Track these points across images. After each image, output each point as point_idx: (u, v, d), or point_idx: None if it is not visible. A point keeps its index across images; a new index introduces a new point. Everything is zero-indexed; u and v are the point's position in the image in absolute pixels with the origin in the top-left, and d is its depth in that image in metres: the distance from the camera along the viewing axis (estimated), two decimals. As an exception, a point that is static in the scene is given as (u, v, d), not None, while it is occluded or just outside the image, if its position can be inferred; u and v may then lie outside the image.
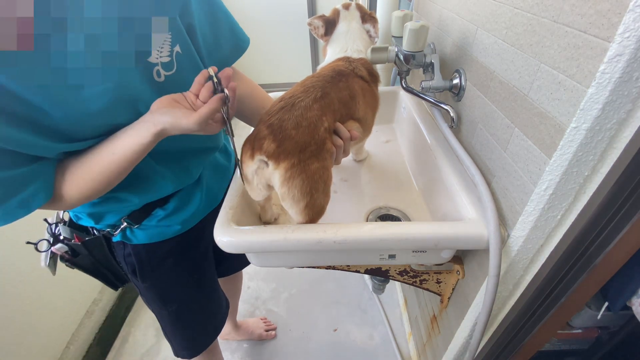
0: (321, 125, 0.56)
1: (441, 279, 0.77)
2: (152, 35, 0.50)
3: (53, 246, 0.67)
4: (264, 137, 0.54)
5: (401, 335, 1.31)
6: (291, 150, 0.53)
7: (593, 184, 0.41)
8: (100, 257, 0.71)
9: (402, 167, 0.92)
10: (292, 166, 0.53)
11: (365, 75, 0.73)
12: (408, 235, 0.54)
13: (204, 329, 0.88)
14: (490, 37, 0.57)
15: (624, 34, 0.32)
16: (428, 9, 0.89)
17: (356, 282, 1.52)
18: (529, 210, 0.48)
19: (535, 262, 0.53)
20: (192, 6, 0.56)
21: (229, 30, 0.64)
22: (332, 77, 0.65)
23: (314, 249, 0.59)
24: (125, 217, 0.65)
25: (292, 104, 0.56)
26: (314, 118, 0.56)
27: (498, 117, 0.56)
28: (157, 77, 0.53)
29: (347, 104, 0.64)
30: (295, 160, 0.53)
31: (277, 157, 0.53)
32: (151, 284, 0.74)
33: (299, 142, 0.53)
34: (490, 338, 0.68)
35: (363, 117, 0.70)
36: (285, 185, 0.54)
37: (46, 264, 0.67)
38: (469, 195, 0.60)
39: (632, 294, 0.68)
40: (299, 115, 0.55)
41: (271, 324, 1.37)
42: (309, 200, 0.56)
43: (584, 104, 0.37)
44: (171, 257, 0.73)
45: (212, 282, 0.87)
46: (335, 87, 0.63)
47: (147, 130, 0.48)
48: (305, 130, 0.54)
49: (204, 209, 0.74)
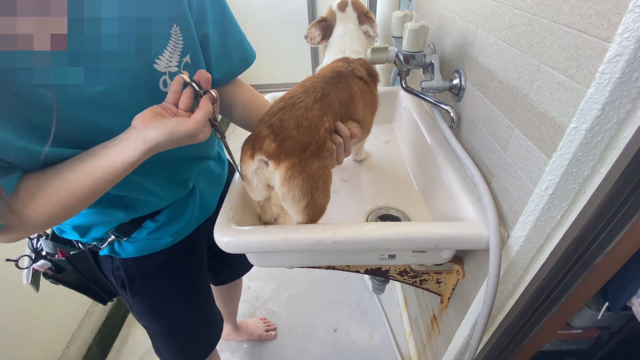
0: (322, 125, 0.56)
1: (441, 279, 0.77)
2: (167, 46, 0.49)
3: (35, 263, 0.62)
4: (264, 137, 0.54)
5: (401, 335, 1.31)
6: (292, 150, 0.53)
7: (593, 184, 0.42)
8: (87, 272, 0.66)
9: (402, 167, 0.92)
10: (292, 166, 0.53)
11: (365, 75, 0.73)
12: (408, 235, 0.54)
13: (198, 343, 0.84)
14: (490, 38, 0.57)
15: (624, 34, 0.32)
16: (428, 9, 0.89)
17: (356, 282, 1.52)
18: (528, 210, 0.48)
19: (535, 262, 0.53)
20: (208, 16, 0.54)
21: (239, 42, 0.63)
22: (331, 78, 0.65)
23: (314, 249, 0.59)
24: (113, 230, 0.61)
25: (293, 104, 0.57)
26: (315, 118, 0.56)
27: (498, 117, 0.56)
28: (162, 87, 0.50)
29: (346, 105, 0.65)
30: (295, 160, 0.53)
31: (278, 157, 0.53)
32: (141, 298, 0.70)
33: (299, 142, 0.53)
34: (490, 338, 0.68)
35: (362, 118, 0.70)
36: (286, 185, 0.54)
37: (28, 281, 0.62)
38: (468, 195, 0.60)
39: (632, 294, 0.68)
40: (300, 116, 0.55)
41: (271, 324, 1.37)
42: (310, 200, 0.56)
43: (583, 104, 0.37)
44: (162, 270, 0.69)
45: (207, 295, 0.83)
46: (335, 88, 0.63)
47: (136, 149, 0.43)
48: (306, 130, 0.54)
49: (197, 219, 0.71)
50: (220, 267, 0.95)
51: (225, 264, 0.95)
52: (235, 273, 1.05)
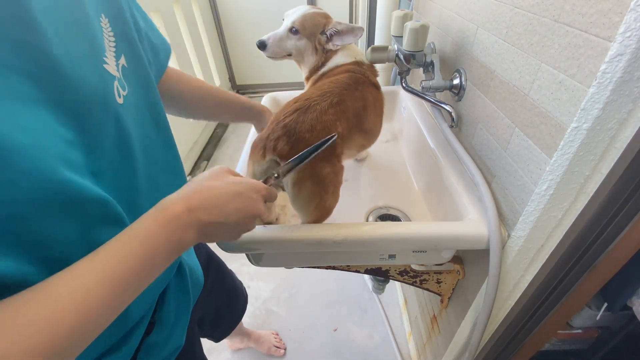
0: (335, 130, 0.57)
1: (441, 279, 0.77)
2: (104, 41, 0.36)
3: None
4: (277, 137, 0.55)
5: (401, 335, 1.31)
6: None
7: (594, 184, 0.41)
8: None
9: (402, 167, 0.92)
10: (303, 169, 0.53)
11: (376, 81, 0.75)
12: (408, 235, 0.54)
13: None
14: (491, 37, 0.57)
15: (625, 34, 0.32)
16: (428, 9, 0.89)
17: (356, 282, 1.52)
18: (529, 210, 0.48)
19: (536, 262, 0.53)
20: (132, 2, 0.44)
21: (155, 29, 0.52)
22: (349, 84, 0.66)
23: (314, 249, 0.59)
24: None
25: (308, 106, 0.57)
26: (329, 123, 0.57)
27: (498, 117, 0.56)
28: (117, 97, 0.36)
29: (359, 115, 0.66)
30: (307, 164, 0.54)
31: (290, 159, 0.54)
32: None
33: (312, 145, 0.54)
34: (490, 338, 0.67)
35: (371, 128, 0.72)
36: (297, 187, 0.55)
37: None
38: (469, 195, 0.60)
39: (632, 294, 0.68)
40: (314, 119, 0.56)
41: (282, 343, 1.30)
42: (319, 201, 0.57)
43: (584, 104, 0.37)
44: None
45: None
46: (352, 95, 0.64)
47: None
48: (320, 134, 0.55)
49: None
50: (217, 324, 0.91)
51: (220, 322, 0.92)
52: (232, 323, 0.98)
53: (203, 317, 0.79)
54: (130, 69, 0.40)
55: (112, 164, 0.36)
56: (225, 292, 0.88)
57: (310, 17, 0.76)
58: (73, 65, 0.31)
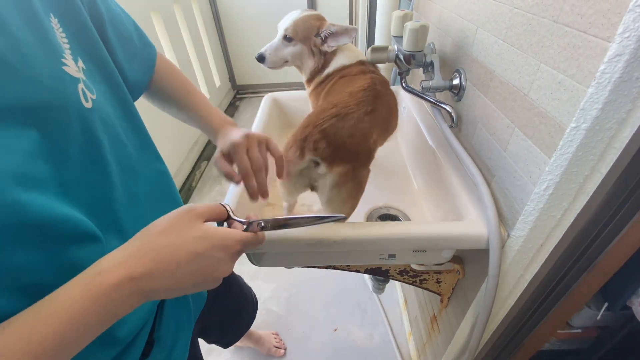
0: (370, 137, 0.61)
1: (441, 278, 0.77)
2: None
3: None
4: (317, 140, 0.56)
5: (401, 335, 1.31)
6: (346, 157, 0.57)
7: (593, 184, 0.41)
8: None
9: (402, 167, 0.92)
10: (346, 172, 0.57)
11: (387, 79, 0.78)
12: (408, 235, 0.54)
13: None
14: (491, 37, 0.57)
15: (624, 34, 0.32)
16: (428, 9, 0.89)
17: (356, 282, 1.52)
18: (528, 210, 0.48)
19: (535, 262, 0.53)
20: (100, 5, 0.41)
21: (134, 24, 0.48)
22: (378, 91, 0.68)
23: (314, 249, 0.59)
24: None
25: (345, 114, 0.60)
26: (366, 130, 0.60)
27: (498, 117, 0.56)
28: (84, 101, 0.34)
29: (386, 120, 0.70)
30: (350, 168, 0.57)
31: (332, 162, 0.56)
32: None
33: (352, 151, 0.58)
34: (490, 337, 0.68)
35: (392, 130, 0.76)
36: (336, 188, 0.58)
37: None
38: (469, 195, 0.60)
39: (632, 294, 0.68)
40: (352, 126, 0.58)
41: (282, 343, 1.31)
42: (354, 201, 0.61)
43: (584, 104, 0.37)
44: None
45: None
46: (381, 103, 0.67)
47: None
48: (359, 141, 0.59)
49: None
50: (223, 334, 0.90)
51: (227, 330, 0.91)
52: (241, 331, 0.97)
53: (209, 326, 0.78)
54: (93, 71, 0.37)
55: (83, 175, 0.33)
56: (232, 300, 0.86)
57: (301, 21, 0.77)
58: (24, 66, 0.28)
